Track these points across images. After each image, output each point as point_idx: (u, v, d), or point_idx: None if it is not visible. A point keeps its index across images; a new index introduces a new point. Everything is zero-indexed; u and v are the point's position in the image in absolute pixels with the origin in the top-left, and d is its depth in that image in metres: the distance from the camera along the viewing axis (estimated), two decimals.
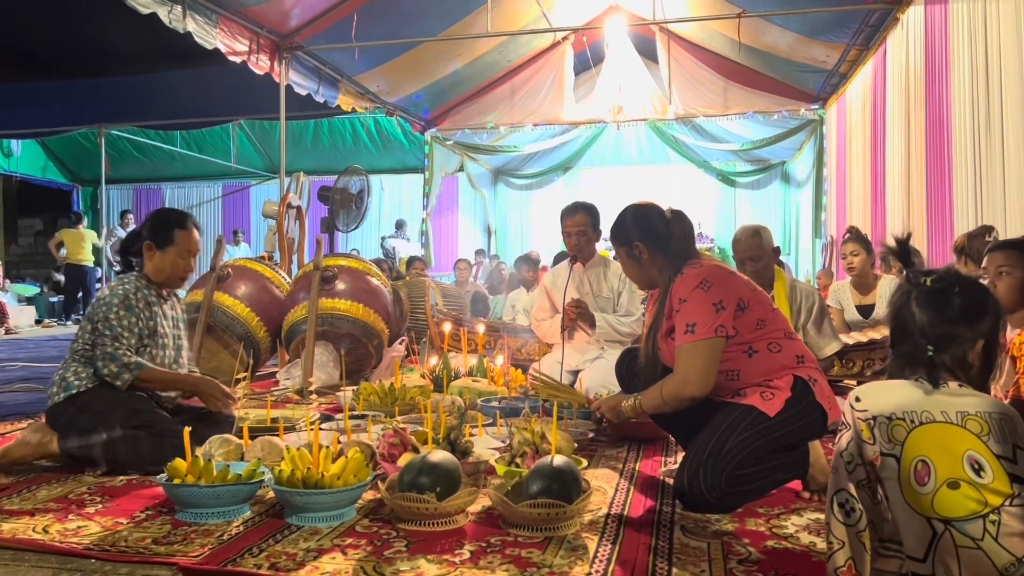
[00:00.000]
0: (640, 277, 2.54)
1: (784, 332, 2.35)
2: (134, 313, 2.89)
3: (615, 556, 1.95)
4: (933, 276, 1.61)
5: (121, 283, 2.95)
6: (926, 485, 1.45)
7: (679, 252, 2.41)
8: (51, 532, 2.12)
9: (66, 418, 2.81)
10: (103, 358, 2.82)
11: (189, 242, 3.04)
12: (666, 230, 2.44)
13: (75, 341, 2.94)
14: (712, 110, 10.92)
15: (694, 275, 2.32)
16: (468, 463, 2.50)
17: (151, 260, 3.02)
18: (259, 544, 2.02)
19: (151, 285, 3.03)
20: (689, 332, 2.25)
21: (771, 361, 2.28)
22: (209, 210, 16.61)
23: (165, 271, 3.03)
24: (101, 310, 2.86)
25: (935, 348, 1.56)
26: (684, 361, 2.26)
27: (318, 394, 4.48)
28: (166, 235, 3.00)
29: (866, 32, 7.90)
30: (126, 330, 2.86)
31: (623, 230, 2.51)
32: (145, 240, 3.01)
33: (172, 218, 3.07)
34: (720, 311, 2.25)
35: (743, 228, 3.85)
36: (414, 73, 9.99)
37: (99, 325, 2.85)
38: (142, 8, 6.07)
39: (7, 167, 14.71)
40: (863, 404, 1.56)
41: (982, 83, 5.05)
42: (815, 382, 2.28)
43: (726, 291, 2.28)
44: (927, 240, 6.21)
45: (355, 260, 5.38)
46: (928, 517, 1.44)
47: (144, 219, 3.17)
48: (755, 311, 2.31)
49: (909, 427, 1.50)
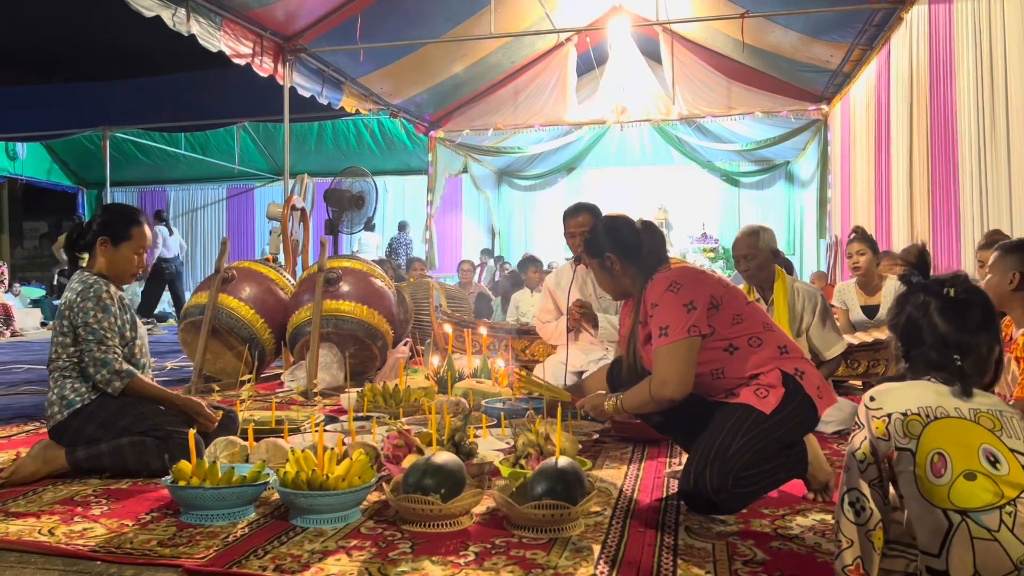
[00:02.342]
0: (613, 288, 2.56)
1: (763, 324, 2.36)
2: (111, 312, 2.80)
3: (620, 557, 1.95)
4: (957, 287, 1.62)
5: (87, 285, 2.82)
6: (942, 477, 1.46)
7: (650, 262, 2.44)
8: (57, 534, 2.13)
9: (72, 431, 2.76)
10: (93, 364, 2.75)
11: (143, 238, 2.96)
12: (637, 241, 2.47)
13: (55, 358, 2.83)
14: (716, 110, 10.91)
15: (663, 279, 2.34)
16: (472, 464, 2.50)
17: (104, 255, 2.91)
18: (264, 546, 2.02)
19: (108, 282, 2.90)
20: (663, 335, 2.27)
21: (754, 355, 2.29)
22: (213, 212, 16.66)
23: (119, 267, 2.94)
24: (78, 316, 2.76)
25: (960, 356, 1.58)
26: (661, 363, 2.27)
27: (323, 396, 4.48)
28: (123, 231, 2.92)
29: (870, 32, 7.88)
30: (108, 331, 2.77)
31: (595, 242, 2.54)
32: (99, 235, 2.91)
33: (126, 214, 2.99)
34: (691, 311, 2.26)
35: (744, 227, 3.90)
36: (418, 75, 9.99)
37: (80, 331, 2.76)
38: (146, 11, 6.08)
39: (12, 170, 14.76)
40: (877, 403, 1.58)
41: (987, 82, 5.03)
42: (803, 374, 2.29)
43: (696, 291, 2.30)
44: (932, 240, 6.19)
45: (359, 262, 5.39)
46: (944, 509, 1.45)
47: (93, 214, 3.07)
48: (729, 307, 2.32)
49: (924, 421, 1.51)
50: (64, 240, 3.01)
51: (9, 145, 14.26)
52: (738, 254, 3.78)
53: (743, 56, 9.82)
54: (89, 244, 2.95)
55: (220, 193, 16.53)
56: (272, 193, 14.92)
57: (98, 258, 2.93)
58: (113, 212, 3.03)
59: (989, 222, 4.97)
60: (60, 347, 2.83)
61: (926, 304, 1.63)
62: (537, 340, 5.09)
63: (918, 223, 6.65)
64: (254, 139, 14.22)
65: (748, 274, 3.75)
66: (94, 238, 2.93)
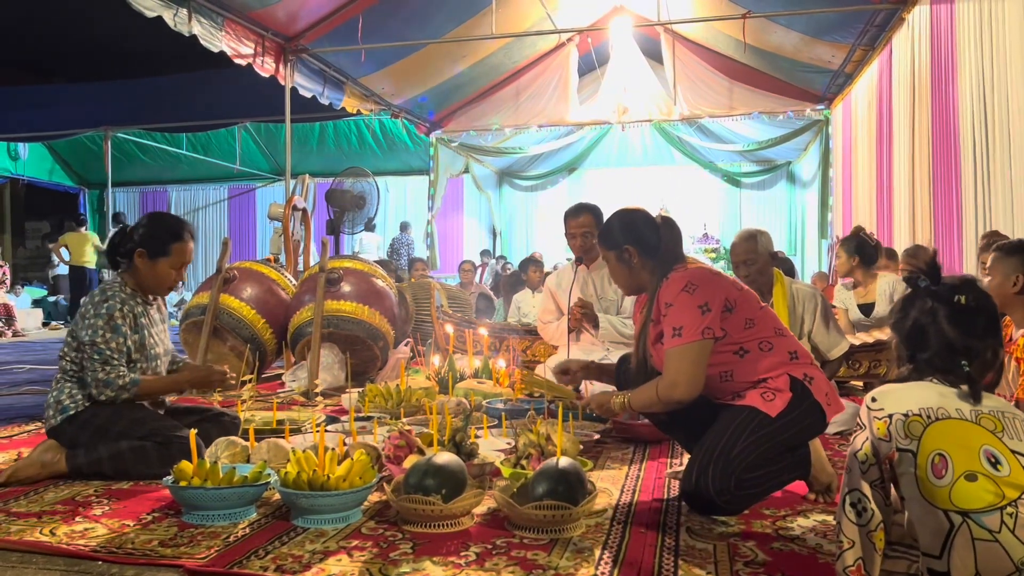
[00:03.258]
0: (628, 281, 2.53)
1: (775, 329, 2.35)
2: (120, 333, 2.75)
3: (621, 558, 1.95)
4: (968, 295, 1.62)
5: (105, 298, 2.78)
6: (943, 478, 1.47)
7: (667, 258, 2.43)
8: (58, 534, 2.13)
9: (68, 437, 2.75)
10: (96, 385, 2.72)
11: (184, 254, 2.90)
12: (656, 235, 2.46)
13: (63, 357, 2.83)
14: (717, 111, 10.91)
15: (679, 279, 2.32)
16: (473, 465, 2.50)
17: (142, 268, 2.86)
18: (265, 546, 2.02)
19: (136, 293, 2.88)
20: (676, 335, 2.26)
21: (764, 360, 2.29)
22: (214, 212, 16.67)
23: (154, 281, 2.89)
24: (86, 332, 2.73)
25: (968, 361, 1.58)
26: (672, 364, 2.27)
27: (324, 396, 4.48)
28: (161, 246, 2.86)
29: (872, 32, 7.89)
30: (115, 352, 2.73)
31: (613, 234, 2.52)
32: (138, 247, 2.85)
33: (169, 228, 2.91)
34: (706, 313, 2.25)
35: (740, 232, 3.90)
36: (419, 75, 10.00)
37: (86, 348, 2.73)
38: (148, 11, 6.09)
39: (14, 170, 14.77)
40: (879, 404, 1.58)
41: (988, 83, 5.03)
42: (811, 380, 2.28)
43: (711, 293, 2.28)
44: (933, 240, 6.19)
45: (360, 262, 5.39)
46: (945, 510, 1.46)
47: (139, 221, 2.98)
48: (743, 311, 2.31)
49: (925, 422, 1.52)
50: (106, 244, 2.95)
51: (11, 145, 14.27)
52: (737, 260, 3.76)
53: (744, 56, 9.82)
54: (128, 253, 2.88)
55: (221, 193, 16.54)
56: (273, 193, 14.95)
57: (135, 268, 2.88)
58: (155, 225, 2.94)
59: (991, 222, 4.96)
60: (67, 347, 2.83)
61: (934, 311, 1.63)
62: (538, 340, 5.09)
63: (920, 223, 6.65)
64: (255, 139, 14.23)
65: (748, 279, 3.72)
66: (132, 248, 2.87)
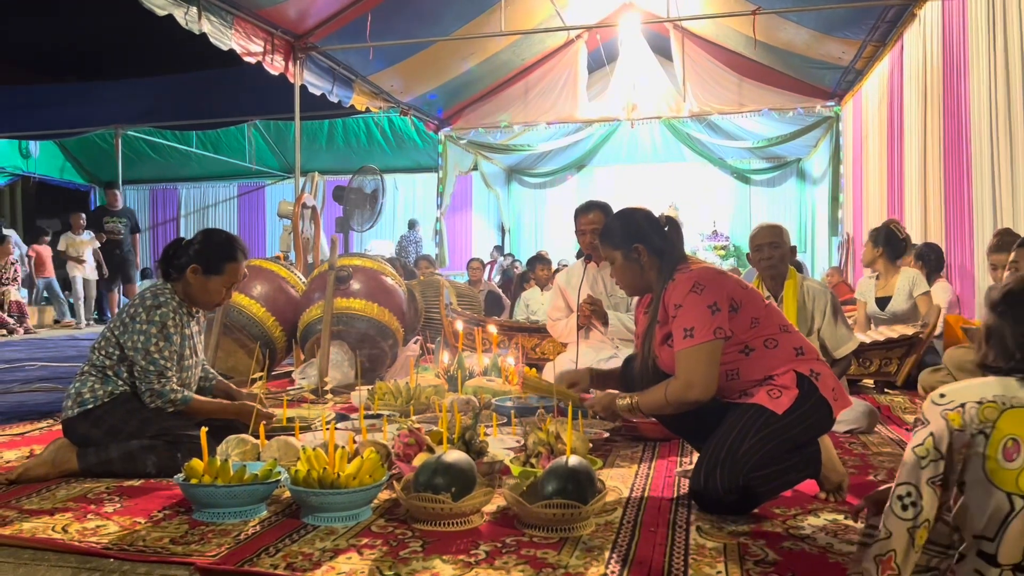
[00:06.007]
0: (635, 281, 2.50)
1: (780, 326, 2.34)
2: (171, 341, 2.81)
3: (631, 557, 1.95)
4: None
5: (157, 304, 2.82)
6: (1014, 461, 1.48)
7: (671, 258, 2.42)
8: (70, 532, 2.14)
9: (80, 434, 2.78)
10: (150, 394, 2.77)
11: (236, 274, 2.95)
12: (662, 235, 2.45)
13: (95, 351, 2.85)
14: (727, 107, 10.87)
15: (685, 279, 2.31)
16: (483, 463, 2.50)
17: (193, 283, 2.90)
18: (275, 544, 2.03)
19: (183, 303, 2.92)
20: (688, 336, 2.25)
21: (769, 357, 2.28)
22: (224, 210, 16.71)
23: (204, 296, 2.93)
24: (139, 336, 2.77)
25: None
26: (686, 365, 2.26)
27: (333, 393, 4.49)
28: (216, 265, 2.90)
29: (883, 28, 7.84)
30: (168, 360, 2.79)
31: (619, 233, 2.49)
32: (192, 262, 2.89)
33: (226, 248, 2.95)
34: (716, 312, 2.24)
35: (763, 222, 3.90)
36: (428, 72, 10.00)
37: (140, 359, 2.76)
38: (158, 10, 6.11)
39: (26, 168, 14.84)
40: (948, 397, 1.58)
41: (1001, 78, 4.99)
42: (818, 375, 2.27)
43: (718, 292, 2.27)
44: (944, 236, 6.16)
45: (369, 259, 5.40)
46: (1009, 493, 1.47)
47: (194, 236, 3.01)
48: (748, 310, 2.30)
49: (1000, 408, 1.53)
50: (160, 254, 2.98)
51: (22, 143, 14.33)
52: (762, 242, 3.66)
53: (755, 53, 9.78)
54: (182, 267, 2.90)
55: (231, 191, 16.58)
56: (283, 191, 14.98)
57: (186, 281, 2.91)
58: (211, 243, 2.96)
59: (1002, 219, 4.93)
60: (105, 344, 2.84)
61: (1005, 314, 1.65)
62: (547, 338, 5.08)
63: (931, 220, 6.61)
64: (265, 137, 14.26)
65: (770, 263, 3.64)
66: (187, 262, 2.89)
